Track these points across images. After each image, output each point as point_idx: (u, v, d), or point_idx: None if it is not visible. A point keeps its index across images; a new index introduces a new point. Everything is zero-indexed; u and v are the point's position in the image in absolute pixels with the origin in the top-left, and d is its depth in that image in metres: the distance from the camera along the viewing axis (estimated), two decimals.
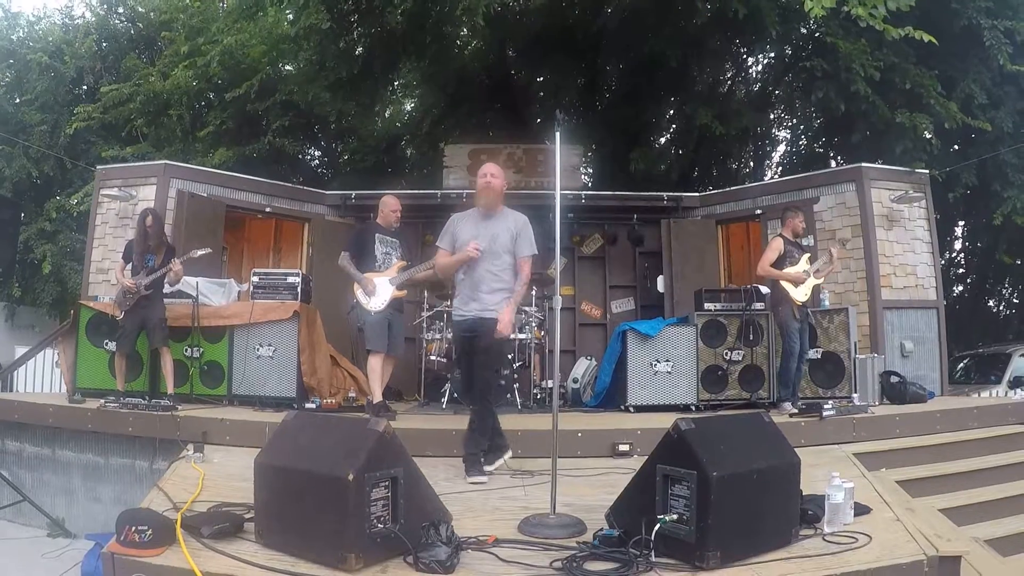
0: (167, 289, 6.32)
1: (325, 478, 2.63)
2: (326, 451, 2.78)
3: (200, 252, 6.23)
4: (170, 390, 6.06)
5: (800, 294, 6.13)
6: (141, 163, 9.39)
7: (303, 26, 9.83)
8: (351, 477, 2.54)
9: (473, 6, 8.72)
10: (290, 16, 11.60)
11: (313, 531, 2.67)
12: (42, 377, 8.88)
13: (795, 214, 6.44)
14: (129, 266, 6.26)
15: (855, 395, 6.41)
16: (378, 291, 5.73)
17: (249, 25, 12.03)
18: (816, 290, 6.55)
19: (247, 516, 3.07)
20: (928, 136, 9.13)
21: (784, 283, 6.12)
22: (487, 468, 4.27)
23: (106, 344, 6.53)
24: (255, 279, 6.73)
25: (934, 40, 7.10)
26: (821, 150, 13.84)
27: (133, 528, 2.74)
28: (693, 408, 6.59)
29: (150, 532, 2.75)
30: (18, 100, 14.34)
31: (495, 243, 4.37)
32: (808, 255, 6.40)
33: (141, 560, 2.69)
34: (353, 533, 2.57)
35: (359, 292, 5.78)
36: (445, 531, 2.70)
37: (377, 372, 5.72)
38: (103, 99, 12.27)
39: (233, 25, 11.82)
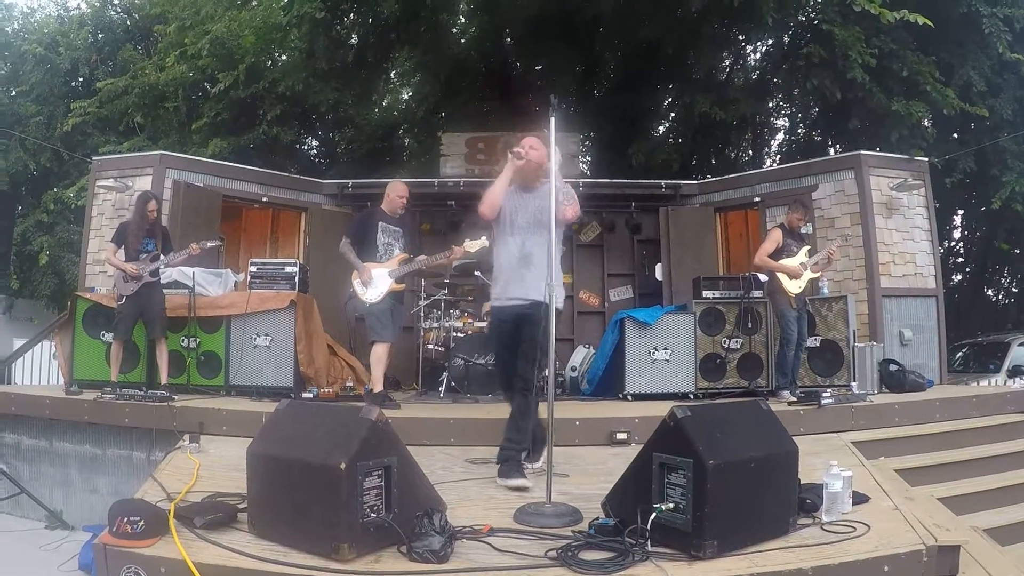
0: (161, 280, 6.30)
1: (317, 467, 2.61)
2: (318, 440, 2.75)
3: (211, 244, 6.25)
4: (164, 380, 6.04)
5: (794, 286, 6.12)
6: (137, 153, 9.33)
7: (295, 14, 9.73)
8: (343, 466, 2.51)
9: None
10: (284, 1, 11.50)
11: (306, 521, 2.64)
12: (40, 369, 8.85)
13: (796, 209, 6.41)
14: (121, 250, 6.12)
15: (854, 383, 6.39)
16: (375, 282, 5.63)
17: (240, 14, 11.93)
18: (813, 280, 6.53)
19: (240, 506, 3.05)
20: (926, 125, 9.09)
21: (779, 273, 6.11)
22: (534, 465, 4.04)
23: (103, 335, 6.50)
24: (253, 269, 6.71)
25: (929, 23, 7.03)
26: (819, 138, 13.81)
27: (125, 519, 2.73)
28: (691, 396, 6.58)
29: (142, 523, 2.73)
30: (14, 92, 14.30)
31: (543, 215, 3.89)
32: (808, 247, 6.38)
33: (133, 551, 2.67)
34: (346, 523, 2.55)
35: (356, 283, 5.70)
36: (439, 520, 2.67)
37: (383, 362, 5.66)
38: (100, 93, 12.22)
39: (224, 14, 11.72)
